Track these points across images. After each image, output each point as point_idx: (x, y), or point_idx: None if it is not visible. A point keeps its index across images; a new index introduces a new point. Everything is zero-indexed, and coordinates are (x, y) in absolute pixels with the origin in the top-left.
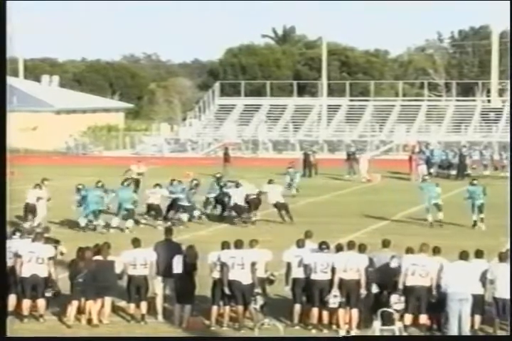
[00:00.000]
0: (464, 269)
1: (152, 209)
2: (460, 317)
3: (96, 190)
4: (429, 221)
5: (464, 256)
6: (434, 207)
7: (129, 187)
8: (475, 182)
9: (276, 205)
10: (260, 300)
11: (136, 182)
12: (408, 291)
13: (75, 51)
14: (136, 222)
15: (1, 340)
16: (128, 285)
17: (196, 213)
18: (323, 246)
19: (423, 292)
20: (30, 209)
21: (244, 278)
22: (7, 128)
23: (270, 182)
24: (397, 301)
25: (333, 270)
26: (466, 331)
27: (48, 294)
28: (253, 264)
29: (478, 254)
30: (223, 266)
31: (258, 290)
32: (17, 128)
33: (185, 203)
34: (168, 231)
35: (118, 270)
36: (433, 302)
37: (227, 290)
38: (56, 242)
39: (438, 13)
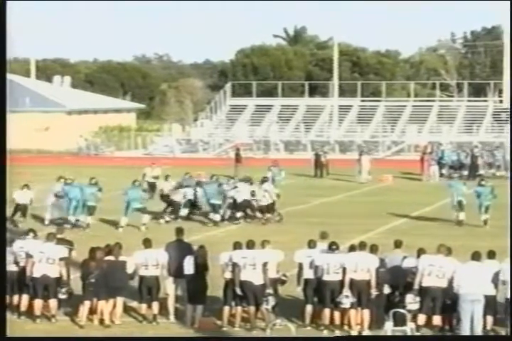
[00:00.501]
0: (476, 270)
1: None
2: (472, 318)
3: (91, 188)
4: (455, 217)
5: (476, 256)
6: (456, 205)
7: (139, 186)
8: (483, 182)
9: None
10: (272, 301)
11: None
12: (423, 292)
13: (86, 52)
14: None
15: (1, 340)
16: (140, 285)
17: (217, 218)
18: (333, 247)
19: (438, 293)
20: (20, 209)
21: (255, 278)
22: (11, 129)
23: (264, 180)
24: (412, 301)
25: (343, 270)
26: (479, 332)
27: (63, 296)
28: (265, 265)
29: (491, 255)
30: (235, 266)
31: (270, 290)
32: (29, 129)
33: (217, 201)
34: (180, 231)
35: (130, 270)
36: (445, 303)
37: (238, 291)
38: (70, 243)
39: (450, 13)
